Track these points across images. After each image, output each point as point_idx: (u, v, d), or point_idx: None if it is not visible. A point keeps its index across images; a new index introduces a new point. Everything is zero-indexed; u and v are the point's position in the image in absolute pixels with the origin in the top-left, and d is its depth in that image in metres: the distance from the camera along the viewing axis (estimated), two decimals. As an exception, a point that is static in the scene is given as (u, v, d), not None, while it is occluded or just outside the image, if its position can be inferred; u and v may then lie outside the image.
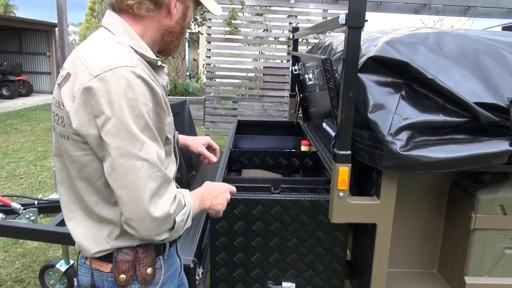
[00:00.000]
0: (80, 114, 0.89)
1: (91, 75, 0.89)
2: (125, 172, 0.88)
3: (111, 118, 0.87)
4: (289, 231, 1.68)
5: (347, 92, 1.36)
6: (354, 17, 1.28)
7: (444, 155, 1.36)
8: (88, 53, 0.94)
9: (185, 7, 1.07)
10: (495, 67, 1.46)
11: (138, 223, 0.91)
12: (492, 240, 1.60)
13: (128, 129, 0.87)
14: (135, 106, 0.88)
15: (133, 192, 0.89)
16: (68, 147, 0.95)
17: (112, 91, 0.87)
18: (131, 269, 1.03)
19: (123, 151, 0.88)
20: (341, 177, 1.42)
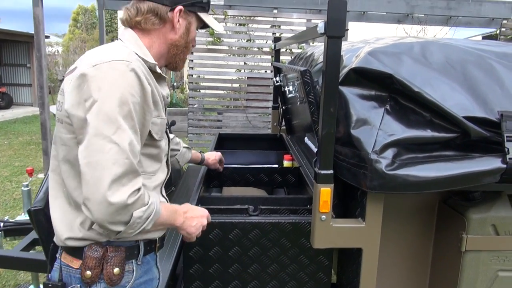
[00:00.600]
0: (73, 96, 0.98)
1: (89, 65, 0.99)
2: (95, 151, 0.93)
3: (97, 101, 0.94)
4: (269, 256, 1.55)
5: (327, 106, 1.25)
6: (333, 26, 1.18)
7: (433, 174, 1.26)
8: (94, 51, 1.07)
9: (188, 23, 1.20)
10: (484, 78, 1.38)
11: (94, 204, 0.92)
12: (484, 262, 1.49)
13: (108, 112, 0.94)
14: (123, 94, 0.96)
15: (97, 172, 0.91)
16: (60, 130, 1.04)
17: (104, 79, 0.96)
18: (97, 266, 1.04)
19: (98, 131, 0.93)
20: (323, 198, 1.31)
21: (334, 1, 1.16)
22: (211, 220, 1.50)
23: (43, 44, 5.54)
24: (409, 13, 6.07)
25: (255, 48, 5.88)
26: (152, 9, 1.13)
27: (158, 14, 1.13)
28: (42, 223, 1.30)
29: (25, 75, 13.57)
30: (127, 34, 1.15)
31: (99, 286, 1.06)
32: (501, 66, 1.45)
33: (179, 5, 1.15)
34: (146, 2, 1.13)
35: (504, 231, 1.47)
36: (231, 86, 6.02)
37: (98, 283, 1.05)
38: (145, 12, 1.12)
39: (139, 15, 1.13)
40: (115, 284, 1.07)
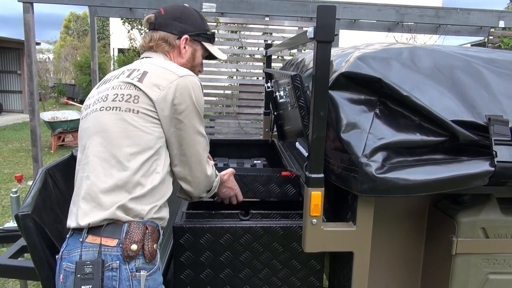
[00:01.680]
0: (165, 101, 1.22)
1: (177, 75, 1.25)
2: (194, 143, 1.28)
3: (190, 106, 1.25)
4: (260, 261, 1.54)
5: (318, 110, 1.26)
6: (323, 30, 1.19)
7: (422, 177, 1.27)
8: (163, 64, 1.30)
9: (194, 50, 1.46)
10: (472, 83, 1.40)
11: (196, 178, 1.33)
12: (475, 265, 1.50)
13: (199, 116, 1.28)
14: (200, 102, 1.28)
15: (197, 158, 1.30)
16: (134, 118, 1.20)
17: (193, 90, 1.25)
18: (141, 241, 1.15)
19: (195, 129, 1.28)
20: (313, 202, 1.31)
21: (323, 6, 1.18)
22: (202, 225, 1.50)
23: (33, 50, 5.51)
24: (399, 21, 6.15)
25: (247, 55, 5.90)
26: (162, 37, 1.40)
27: (168, 41, 1.40)
28: (30, 229, 1.28)
29: (15, 82, 13.45)
30: (156, 55, 1.40)
31: (137, 261, 1.14)
32: (488, 72, 1.47)
33: (185, 34, 1.42)
34: (158, 32, 1.40)
35: (494, 234, 1.49)
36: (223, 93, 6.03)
37: (137, 259, 1.14)
38: (157, 39, 1.39)
39: (152, 41, 1.40)
40: (153, 259, 1.18)
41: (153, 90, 1.22)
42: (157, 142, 1.22)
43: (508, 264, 1.51)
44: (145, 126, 1.20)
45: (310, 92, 1.50)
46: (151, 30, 1.42)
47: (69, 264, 1.14)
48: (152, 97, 1.21)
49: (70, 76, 19.10)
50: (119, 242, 1.13)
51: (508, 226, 1.48)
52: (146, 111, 1.21)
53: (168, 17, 1.41)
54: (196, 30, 1.44)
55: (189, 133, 1.26)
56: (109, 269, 1.12)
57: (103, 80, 1.37)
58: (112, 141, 1.19)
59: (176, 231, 1.50)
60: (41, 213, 1.37)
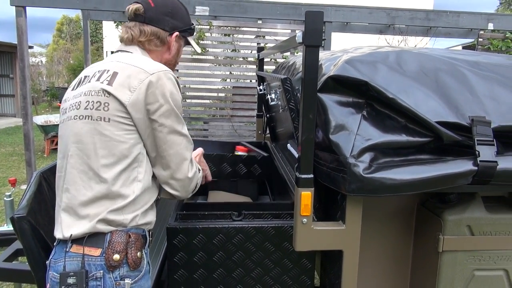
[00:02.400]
0: (138, 102, 1.16)
1: (147, 73, 1.18)
2: (173, 144, 1.22)
3: (163, 105, 1.18)
4: (253, 261, 1.57)
5: (307, 113, 1.30)
6: (311, 35, 1.23)
7: (408, 177, 1.31)
8: (134, 61, 1.23)
9: (179, 45, 1.43)
10: (456, 85, 1.45)
11: (179, 182, 1.26)
12: (461, 262, 1.55)
13: (175, 113, 1.22)
14: (177, 99, 1.23)
15: (178, 159, 1.24)
16: (106, 127, 1.15)
17: (165, 86, 1.19)
18: (124, 250, 1.15)
19: (172, 129, 1.21)
20: (303, 202, 1.34)
21: (311, 12, 1.21)
22: (195, 226, 1.53)
23: (26, 54, 5.50)
24: (390, 23, 6.22)
25: (240, 58, 5.93)
26: (155, 33, 1.33)
27: (160, 38, 1.34)
28: (26, 231, 1.30)
29: (7, 86, 13.37)
30: (138, 50, 1.33)
31: (121, 270, 1.15)
32: (472, 74, 1.52)
33: (176, 31, 1.38)
34: (149, 26, 1.32)
35: (479, 232, 1.53)
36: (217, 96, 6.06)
37: (121, 267, 1.14)
38: (148, 35, 1.32)
39: (142, 36, 1.32)
40: (137, 267, 1.18)
41: (124, 93, 1.16)
42: (133, 150, 1.17)
43: (493, 261, 1.55)
44: (118, 134, 1.15)
45: (300, 95, 1.54)
46: (139, 22, 1.32)
47: (55, 273, 1.15)
48: (123, 100, 1.15)
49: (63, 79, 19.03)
50: (103, 252, 1.13)
51: (492, 224, 1.53)
52: (118, 118, 1.15)
53: (160, 12, 1.33)
54: (184, 26, 1.40)
55: (166, 134, 1.20)
56: (93, 279, 1.12)
57: (77, 80, 1.30)
58: (87, 153, 1.16)
59: (169, 232, 1.53)
60: (36, 215, 1.39)
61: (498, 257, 1.56)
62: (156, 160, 1.23)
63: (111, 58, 1.29)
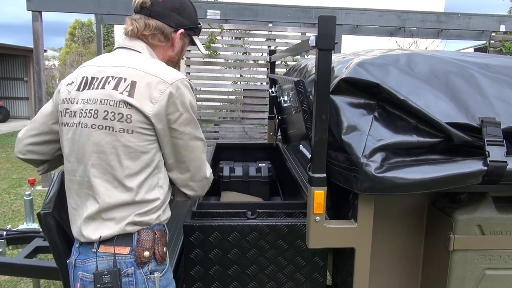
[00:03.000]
0: (160, 113, 1.17)
1: (167, 83, 1.18)
2: (193, 149, 1.26)
3: (183, 113, 1.21)
4: (266, 258, 1.62)
5: (319, 114, 1.34)
6: (324, 39, 1.28)
7: (419, 176, 1.34)
8: (149, 68, 1.21)
9: (183, 43, 1.41)
10: (466, 87, 1.48)
11: (198, 183, 1.32)
12: (472, 261, 1.57)
13: (194, 120, 1.25)
14: (194, 105, 1.26)
15: (197, 163, 1.28)
16: (129, 139, 1.16)
17: (184, 95, 1.21)
18: (152, 247, 1.21)
19: (192, 135, 1.24)
20: (316, 200, 1.39)
21: (324, 17, 1.26)
22: (211, 223, 1.58)
23: (42, 58, 5.64)
24: (401, 26, 6.23)
25: (251, 60, 6.00)
26: (159, 28, 1.30)
27: (164, 33, 1.32)
28: (51, 226, 1.36)
29: (22, 89, 13.65)
30: (144, 47, 1.31)
31: (150, 265, 1.21)
32: (482, 76, 1.55)
33: (181, 28, 1.35)
34: (154, 20, 1.30)
35: (489, 231, 1.56)
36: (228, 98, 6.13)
37: (150, 263, 1.21)
38: (153, 29, 1.29)
39: (146, 29, 1.29)
40: (163, 261, 1.25)
41: (147, 105, 1.16)
42: (154, 158, 1.21)
43: (503, 260, 1.58)
44: (141, 145, 1.17)
45: (312, 97, 1.59)
46: (144, 15, 1.29)
47: (85, 273, 1.19)
48: (147, 112, 1.15)
49: (76, 82, 19.24)
50: (132, 249, 1.18)
51: (503, 224, 1.55)
52: (141, 129, 1.16)
53: (167, 7, 1.31)
54: (191, 24, 1.38)
55: (186, 141, 1.23)
56: (125, 275, 1.18)
57: (80, 79, 1.25)
58: (111, 163, 1.17)
59: (186, 229, 1.58)
60: (60, 212, 1.46)
61: (508, 257, 1.58)
62: (174, 166, 1.26)
63: (121, 59, 1.25)
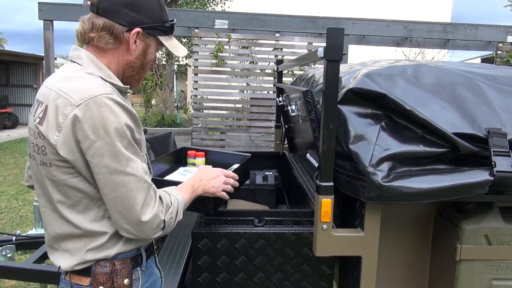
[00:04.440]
0: (67, 143, 1.00)
1: (73, 105, 0.99)
2: (116, 187, 1.01)
3: (96, 141, 0.98)
4: (273, 265, 1.63)
5: (327, 123, 1.37)
6: (332, 50, 1.31)
7: (425, 186, 1.36)
8: (64, 86, 1.03)
9: (146, 45, 1.17)
10: (472, 98, 1.49)
11: (133, 227, 1.05)
12: (479, 272, 1.57)
13: (114, 149, 1.00)
14: (119, 128, 1.00)
15: (126, 203, 1.02)
16: (50, 173, 1.04)
17: (96, 118, 0.98)
18: (108, 280, 1.10)
19: (111, 168, 1.00)
20: (324, 209, 1.40)
21: (333, 29, 1.29)
22: (219, 231, 1.59)
23: (52, 65, 5.74)
24: (407, 36, 6.26)
25: (258, 70, 6.05)
26: (107, 27, 1.09)
27: (114, 33, 1.10)
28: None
29: (31, 96, 13.84)
30: (83, 55, 1.11)
31: None
32: (489, 87, 1.57)
33: (137, 27, 1.12)
34: (102, 18, 1.09)
35: (496, 241, 1.56)
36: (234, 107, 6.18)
37: None
38: (99, 29, 1.09)
39: (93, 30, 1.09)
40: None
41: (53, 134, 1.00)
42: (87, 191, 1.05)
43: (510, 270, 1.57)
44: (64, 179, 1.04)
45: (320, 106, 1.62)
46: (93, 13, 1.10)
47: None
48: (53, 143, 1.00)
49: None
50: (91, 281, 1.10)
51: (509, 234, 1.55)
52: (57, 161, 1.02)
53: (116, 2, 1.09)
54: (151, 22, 1.14)
55: (105, 175, 1.00)
56: None
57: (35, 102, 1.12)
58: (47, 196, 1.08)
59: (194, 236, 1.60)
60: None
61: (515, 267, 1.58)
62: (105, 203, 1.05)
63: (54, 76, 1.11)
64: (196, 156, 2.10)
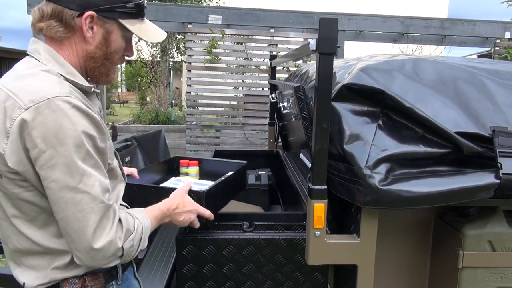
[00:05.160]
0: (16, 151, 0.87)
1: (22, 108, 0.86)
2: (66, 205, 0.88)
3: (45, 151, 0.85)
4: (263, 273, 1.53)
5: (320, 122, 1.26)
6: (325, 43, 1.20)
7: (426, 189, 1.26)
8: (15, 86, 0.91)
9: (106, 31, 1.01)
10: (476, 94, 1.39)
11: (83, 254, 0.91)
12: (482, 279, 1.47)
13: (66, 161, 0.86)
14: (75, 136, 0.87)
15: (76, 225, 0.88)
16: (3, 185, 0.92)
17: (47, 124, 0.85)
18: None
19: (62, 184, 0.87)
20: (316, 214, 1.30)
21: (326, 19, 1.18)
22: (205, 237, 1.49)
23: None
24: (404, 32, 6.17)
25: (253, 66, 5.95)
26: (56, 13, 0.95)
27: (63, 20, 0.96)
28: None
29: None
30: (41, 49, 0.97)
31: None
32: (492, 83, 1.47)
33: (89, 10, 0.96)
34: (50, 4, 0.96)
35: (501, 247, 1.46)
36: (229, 104, 6.06)
37: None
38: (48, 17, 0.95)
39: (43, 20, 0.96)
40: None
41: (1, 141, 0.87)
42: (42, 207, 0.93)
43: (516, 278, 1.48)
44: (17, 192, 0.91)
45: (313, 104, 1.51)
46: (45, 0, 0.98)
47: None
48: (1, 151, 0.87)
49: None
50: None
51: (515, 240, 1.46)
52: (7, 173, 0.90)
53: None
54: (107, 3, 0.98)
55: (55, 191, 0.87)
56: None
57: None
58: (3, 210, 0.97)
59: (178, 242, 1.50)
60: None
61: (521, 275, 1.48)
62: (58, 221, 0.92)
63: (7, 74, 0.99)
64: (189, 165, 1.97)
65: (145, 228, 1.03)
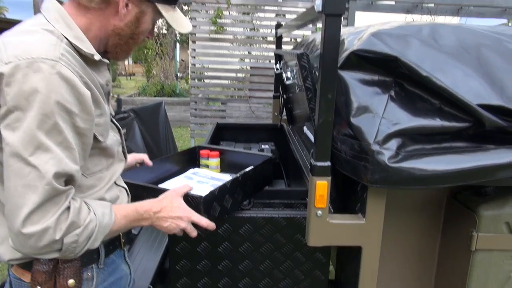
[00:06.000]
0: None
1: (2, 62, 0.80)
2: (12, 174, 0.80)
3: (13, 111, 0.79)
4: (261, 253, 1.45)
5: (325, 92, 1.13)
6: (331, 2, 1.06)
7: (441, 168, 1.14)
8: (10, 40, 0.85)
9: (140, 12, 0.98)
10: (501, 63, 1.24)
11: (12, 236, 0.82)
12: (496, 263, 1.38)
13: (26, 128, 0.78)
14: (46, 104, 0.79)
15: (15, 200, 0.80)
16: None
17: (23, 84, 0.78)
18: (49, 280, 0.92)
19: (13, 150, 0.79)
20: (318, 192, 1.19)
21: (333, -27, 1.04)
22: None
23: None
24: (419, 2, 5.88)
25: (260, 37, 5.75)
26: None
27: None
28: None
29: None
30: (52, 8, 0.90)
31: None
32: (520, 51, 1.32)
33: None
34: None
35: (518, 230, 1.36)
36: (235, 76, 5.90)
37: None
38: None
39: None
40: None
41: None
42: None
43: (533, 264, 1.38)
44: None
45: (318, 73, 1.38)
46: None
47: None
48: None
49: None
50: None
51: (535, 222, 1.35)
52: None
53: None
54: None
55: (6, 155, 0.80)
56: None
57: None
58: None
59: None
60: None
61: (538, 260, 1.38)
62: None
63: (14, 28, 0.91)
64: (209, 157, 1.76)
65: (100, 226, 0.91)
